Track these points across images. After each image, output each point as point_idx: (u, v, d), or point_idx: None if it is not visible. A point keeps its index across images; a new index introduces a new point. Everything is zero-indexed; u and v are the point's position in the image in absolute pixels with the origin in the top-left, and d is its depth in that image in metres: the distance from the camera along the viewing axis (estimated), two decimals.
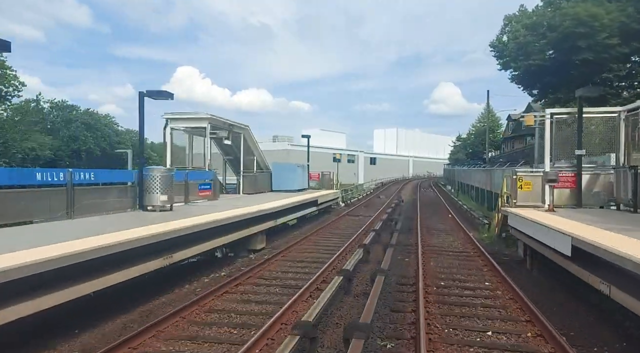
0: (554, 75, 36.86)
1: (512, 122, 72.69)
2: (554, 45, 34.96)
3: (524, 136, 65.45)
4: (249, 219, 11.25)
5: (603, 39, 30.09)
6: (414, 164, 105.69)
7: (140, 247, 6.70)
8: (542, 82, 38.82)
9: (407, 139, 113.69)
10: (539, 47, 36.10)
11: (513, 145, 69.86)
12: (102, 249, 5.89)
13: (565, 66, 36.32)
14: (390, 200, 30.35)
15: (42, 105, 51.75)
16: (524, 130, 67.52)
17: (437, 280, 8.91)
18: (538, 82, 39.65)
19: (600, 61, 29.94)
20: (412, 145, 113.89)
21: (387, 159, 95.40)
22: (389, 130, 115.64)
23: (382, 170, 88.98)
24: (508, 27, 40.91)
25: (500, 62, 41.43)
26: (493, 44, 41.91)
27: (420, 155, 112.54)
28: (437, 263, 10.57)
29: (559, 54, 35.50)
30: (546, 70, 36.53)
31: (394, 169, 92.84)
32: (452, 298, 7.70)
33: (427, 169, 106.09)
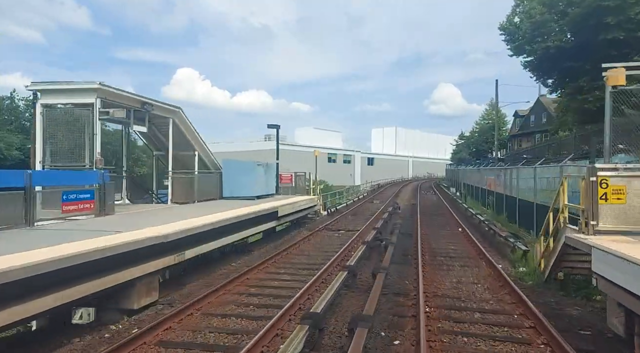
0: (575, 59, 31.70)
1: (519, 118, 67.79)
2: (576, 23, 29.88)
3: (533, 133, 60.45)
4: (119, 255, 6.21)
5: (637, 14, 25.01)
6: (413, 165, 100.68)
7: None
8: (561, 68, 33.61)
9: (406, 139, 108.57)
10: (558, 26, 31.12)
11: (520, 143, 64.77)
12: None
13: (589, 48, 31.13)
14: (385, 206, 25.22)
15: (17, 103, 46.78)
16: (532, 127, 62.62)
17: None
18: (555, 69, 34.45)
19: (632, 41, 24.84)
20: (412, 145, 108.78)
21: (385, 159, 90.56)
22: (387, 129, 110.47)
23: (380, 170, 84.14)
24: (520, 7, 35.75)
25: (511, 46, 36.22)
26: (503, 26, 36.72)
27: (420, 155, 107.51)
28: (456, 346, 5.47)
29: (581, 33, 30.38)
30: (566, 53, 31.44)
31: (392, 170, 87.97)
32: None
33: (427, 170, 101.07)
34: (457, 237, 14.61)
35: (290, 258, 11.08)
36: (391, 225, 16.65)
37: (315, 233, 15.17)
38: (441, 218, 19.85)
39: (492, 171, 23.50)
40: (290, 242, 13.21)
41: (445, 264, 10.30)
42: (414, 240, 13.54)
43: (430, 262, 10.55)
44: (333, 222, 18.30)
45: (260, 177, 15.27)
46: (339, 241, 13.61)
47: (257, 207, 11.78)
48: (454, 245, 12.89)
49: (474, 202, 26.95)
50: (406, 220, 19.05)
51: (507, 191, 18.84)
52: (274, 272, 9.60)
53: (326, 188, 52.06)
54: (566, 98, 34.40)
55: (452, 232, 15.64)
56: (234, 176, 14.59)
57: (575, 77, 31.96)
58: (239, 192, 14.65)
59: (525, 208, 15.46)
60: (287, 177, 18.46)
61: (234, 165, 14.63)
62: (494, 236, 14.15)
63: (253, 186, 14.68)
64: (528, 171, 16.30)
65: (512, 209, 17.38)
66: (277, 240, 13.85)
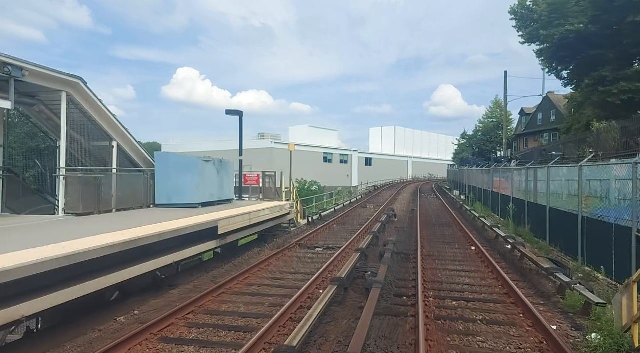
0: (598, 46, 27.90)
1: (525, 116, 63.98)
2: (600, 3, 26.16)
3: (540, 132, 56.60)
4: None
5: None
6: (413, 165, 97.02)
7: None
8: (580, 56, 29.88)
9: (405, 139, 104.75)
10: (581, 7, 27.35)
11: (527, 143, 60.92)
12: None
13: (615, 33, 27.40)
14: (379, 213, 21.44)
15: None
16: (540, 125, 58.75)
17: None
18: (574, 57, 30.42)
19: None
20: (411, 145, 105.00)
21: (384, 160, 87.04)
22: (386, 128, 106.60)
23: (379, 171, 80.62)
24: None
25: (523, 32, 32.34)
26: (514, 10, 32.90)
27: (420, 156, 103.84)
28: None
29: (606, 15, 26.76)
30: (587, 39, 27.49)
31: (391, 170, 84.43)
32: None
33: (427, 171, 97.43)
34: (470, 261, 10.80)
35: (220, 305, 7.26)
36: (383, 241, 12.86)
37: (282, 252, 11.37)
38: (447, 231, 16.05)
39: (506, 172, 19.69)
40: (238, 269, 9.40)
41: (462, 319, 6.50)
42: (411, 268, 9.75)
43: (438, 313, 6.75)
44: (311, 234, 14.50)
45: (209, 177, 11.49)
46: (307, 269, 9.80)
47: (176, 224, 7.95)
48: (470, 277, 9.08)
49: (483, 208, 23.16)
50: (403, 233, 15.25)
51: (529, 197, 15.05)
52: (178, 340, 5.80)
53: (318, 191, 48.31)
54: (585, 90, 30.63)
55: (463, 253, 11.83)
56: (170, 176, 10.82)
57: (596, 67, 28.22)
58: (178, 197, 10.87)
59: (561, 220, 11.67)
60: (253, 178, 14.69)
61: (171, 161, 10.84)
62: (522, 260, 10.35)
63: (197, 189, 10.90)
64: (567, 172, 12.52)
65: (539, 220, 13.59)
66: (220, 266, 10.06)
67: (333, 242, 13.47)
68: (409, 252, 11.73)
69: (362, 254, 9.79)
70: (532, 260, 9.15)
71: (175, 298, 7.46)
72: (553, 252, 11.69)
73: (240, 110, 13.91)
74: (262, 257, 10.70)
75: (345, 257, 10.95)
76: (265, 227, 12.09)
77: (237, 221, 9.67)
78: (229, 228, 9.26)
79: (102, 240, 6.34)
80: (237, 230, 9.91)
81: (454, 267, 9.98)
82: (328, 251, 12.03)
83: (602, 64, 27.59)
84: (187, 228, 7.73)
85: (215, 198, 11.93)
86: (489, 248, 12.33)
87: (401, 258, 10.87)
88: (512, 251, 11.46)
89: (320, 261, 10.64)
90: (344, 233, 15.42)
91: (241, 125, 14.07)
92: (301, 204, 17.89)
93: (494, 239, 13.85)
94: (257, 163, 42.79)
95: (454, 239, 14.15)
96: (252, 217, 10.46)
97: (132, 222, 8.20)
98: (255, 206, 11.97)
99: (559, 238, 11.66)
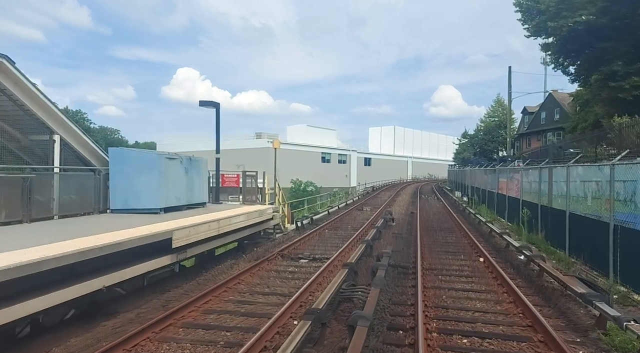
0: (609, 38, 26.35)
1: (527, 115, 62.28)
2: None
3: (544, 132, 54.86)
4: None
5: None
6: (413, 165, 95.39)
7: None
8: (590, 49, 28.28)
9: (405, 138, 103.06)
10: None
11: (529, 142, 59.23)
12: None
13: (627, 25, 25.75)
14: (376, 217, 19.80)
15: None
16: (543, 124, 57.05)
17: None
18: (583, 51, 28.88)
19: None
20: (411, 145, 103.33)
21: (383, 160, 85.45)
22: (385, 128, 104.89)
23: (378, 171, 79.06)
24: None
25: (529, 26, 30.67)
26: (519, 2, 31.24)
27: (420, 156, 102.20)
28: None
29: (618, 6, 25.16)
30: (597, 32, 25.95)
31: (390, 171, 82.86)
32: None
33: (427, 171, 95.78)
34: (480, 276, 9.15)
35: (160, 345, 5.61)
36: (377, 253, 11.21)
37: (260, 266, 9.72)
38: (450, 237, 14.41)
39: (514, 172, 18.03)
40: (202, 288, 7.74)
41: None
42: (410, 287, 8.12)
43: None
44: (298, 242, 12.85)
45: (174, 177, 9.86)
46: (285, 288, 8.15)
47: (108, 238, 6.29)
48: (482, 301, 7.43)
49: (487, 211, 21.52)
50: (401, 240, 13.61)
51: (543, 200, 13.41)
52: None
53: (314, 191, 46.67)
54: (594, 86, 29.01)
55: (470, 266, 10.18)
56: (127, 176, 9.19)
57: (606, 61, 26.61)
58: (136, 201, 9.24)
59: (584, 228, 10.04)
60: (233, 179, 13.03)
61: (128, 159, 9.21)
62: (541, 275, 8.71)
63: (158, 192, 9.26)
64: (583, 172, 10.91)
65: (555, 226, 11.96)
66: (182, 284, 8.41)
67: (321, 252, 11.83)
68: (407, 264, 10.10)
69: (351, 270, 8.14)
70: (558, 279, 7.50)
71: (107, 333, 5.82)
72: (575, 264, 10.06)
73: (216, 102, 12.25)
74: (234, 272, 9.05)
75: (332, 271, 9.32)
76: (240, 235, 10.44)
77: (201, 231, 8.04)
78: (190, 240, 7.63)
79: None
80: (201, 242, 8.27)
81: (461, 286, 8.33)
82: (314, 263, 10.39)
83: (613, 58, 25.95)
84: (123, 243, 6.11)
85: (183, 201, 10.30)
86: (500, 260, 10.70)
87: (398, 273, 9.25)
88: (528, 264, 9.82)
89: (303, 276, 9.00)
90: (335, 240, 13.78)
91: (218, 119, 12.42)
92: (289, 207, 16.24)
93: (504, 248, 12.21)
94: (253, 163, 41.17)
95: (458, 247, 12.52)
96: (221, 225, 8.82)
97: (62, 234, 6.58)
98: (228, 211, 10.33)
99: (582, 248, 10.02)
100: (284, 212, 15.07)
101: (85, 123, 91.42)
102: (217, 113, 12.36)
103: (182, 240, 7.36)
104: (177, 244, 7.19)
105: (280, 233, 14.60)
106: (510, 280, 8.35)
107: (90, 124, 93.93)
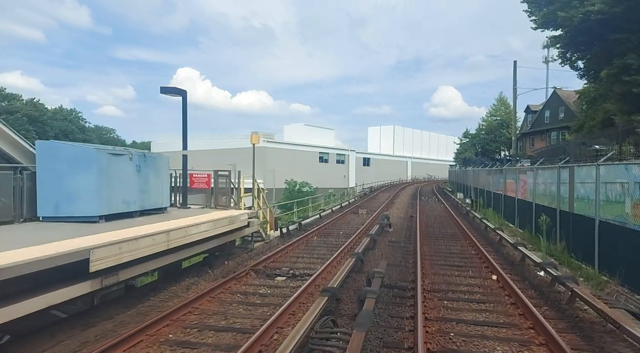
0: (623, 29, 24.68)
1: (531, 114, 60.42)
2: None
3: (548, 131, 53.03)
4: None
5: None
6: (412, 166, 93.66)
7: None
8: (602, 40, 26.60)
9: (404, 138, 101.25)
10: None
11: (533, 142, 57.41)
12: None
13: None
14: (372, 221, 18.02)
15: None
16: (547, 123, 55.19)
17: None
18: (594, 43, 27.24)
19: None
20: (411, 145, 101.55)
21: (382, 160, 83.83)
22: (385, 128, 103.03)
23: (377, 172, 77.44)
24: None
25: (537, 17, 28.90)
26: None
27: (420, 156, 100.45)
28: None
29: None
30: (610, 22, 24.24)
31: (390, 171, 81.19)
32: None
33: (427, 171, 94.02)
34: (496, 302, 7.33)
35: None
36: (371, 265, 9.43)
37: (225, 286, 7.92)
38: (454, 246, 12.62)
39: (523, 172, 16.21)
40: (137, 322, 5.96)
41: None
42: (407, 318, 6.33)
43: None
44: (279, 253, 11.06)
45: (121, 177, 8.06)
46: (246, 321, 6.34)
47: None
48: (502, 341, 5.61)
49: (493, 215, 19.74)
50: (398, 250, 11.82)
51: (562, 204, 11.61)
52: None
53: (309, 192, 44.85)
54: (606, 81, 27.21)
55: (482, 286, 8.37)
56: (60, 175, 7.41)
57: (620, 54, 24.85)
58: (70, 206, 7.45)
59: (621, 240, 8.26)
60: (203, 179, 11.22)
61: (61, 154, 7.38)
62: (572, 301, 6.92)
63: (97, 195, 7.46)
64: (605, 172, 9.13)
65: (579, 236, 10.19)
66: (115, 315, 6.63)
67: (304, 265, 10.04)
68: (404, 282, 8.32)
69: (332, 297, 6.35)
70: (603, 314, 5.68)
71: None
72: (609, 284, 8.28)
73: (182, 89, 10.45)
74: (190, 296, 7.26)
75: (313, 294, 7.55)
76: (202, 248, 8.64)
77: (142, 246, 6.26)
78: (122, 259, 5.85)
79: None
80: (144, 260, 6.48)
81: (472, 316, 6.54)
82: (292, 282, 8.60)
83: (626, 51, 24.21)
84: (8, 269, 4.31)
85: (134, 207, 8.51)
86: (516, 278, 8.92)
87: (393, 296, 7.46)
88: (553, 285, 8.03)
89: (275, 301, 7.22)
90: (322, 249, 11.99)
91: (185, 109, 10.61)
92: (272, 212, 14.42)
93: (518, 262, 10.42)
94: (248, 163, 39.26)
95: (465, 260, 10.72)
96: (172, 238, 7.04)
97: None
98: (187, 220, 8.52)
99: (618, 264, 8.24)
100: (266, 217, 13.28)
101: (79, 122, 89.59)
102: (184, 102, 10.53)
103: (108, 260, 5.59)
104: (99, 266, 5.42)
105: (262, 241, 12.81)
106: (535, 308, 6.57)
107: (85, 123, 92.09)
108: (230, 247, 10.83)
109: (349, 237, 13.81)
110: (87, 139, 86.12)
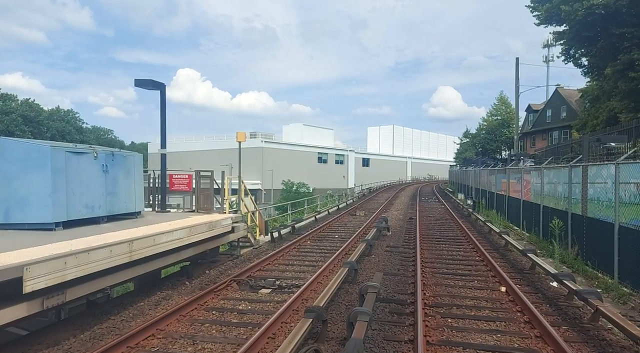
0: (630, 23, 23.75)
1: (532, 113, 59.48)
2: None
3: (549, 130, 52.08)
4: None
5: None
6: (412, 166, 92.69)
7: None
8: (606, 35, 25.71)
9: (404, 138, 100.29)
10: None
11: (534, 142, 56.47)
12: None
13: None
14: (369, 224, 17.11)
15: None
16: (549, 122, 54.24)
17: None
18: (599, 39, 26.38)
19: None
20: (411, 145, 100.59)
21: (381, 160, 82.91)
22: (384, 128, 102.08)
23: (376, 172, 76.54)
24: None
25: (540, 12, 27.99)
26: None
27: (420, 156, 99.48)
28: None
29: None
30: (616, 16, 23.28)
31: (389, 171, 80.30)
32: None
33: (427, 172, 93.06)
34: (506, 319, 6.41)
35: None
36: (365, 274, 8.51)
37: (200, 301, 7.01)
38: (456, 252, 11.70)
39: (528, 172, 15.27)
40: (90, 348, 5.06)
41: None
42: (406, 341, 5.43)
43: None
44: (267, 260, 10.14)
45: (83, 178, 7.15)
46: (220, 344, 5.43)
47: None
48: None
49: (497, 217, 18.82)
50: (397, 256, 10.90)
51: (575, 207, 10.69)
52: None
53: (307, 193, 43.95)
54: (612, 77, 26.31)
55: (489, 298, 7.46)
56: (10, 176, 6.51)
57: (626, 49, 23.96)
58: (22, 212, 6.55)
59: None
60: (184, 181, 10.30)
61: (9, 151, 6.42)
62: (596, 318, 6.02)
63: (52, 198, 6.55)
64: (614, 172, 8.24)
65: (595, 243, 9.29)
66: (68, 338, 5.74)
67: (293, 274, 9.14)
68: (403, 295, 7.42)
69: (317, 319, 5.44)
70: (636, 340, 4.77)
71: None
72: (632, 298, 7.37)
73: (160, 82, 9.54)
74: (157, 314, 6.35)
75: (299, 310, 6.63)
76: (176, 259, 7.71)
77: (91, 260, 5.33)
78: (66, 277, 4.95)
79: None
80: (99, 275, 5.58)
81: (481, 339, 5.62)
82: (278, 295, 7.68)
83: (632, 46, 23.36)
84: None
85: (100, 212, 7.60)
86: (528, 289, 8.01)
87: (389, 313, 6.55)
88: (570, 298, 7.12)
89: (255, 320, 6.31)
90: (315, 256, 11.08)
91: (163, 104, 9.72)
92: (261, 215, 13.51)
93: (528, 269, 9.51)
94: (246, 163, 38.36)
95: (469, 268, 9.81)
96: (136, 249, 6.12)
97: None
98: (158, 226, 7.60)
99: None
100: (255, 221, 12.35)
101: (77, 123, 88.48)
102: (162, 97, 9.61)
103: (49, 278, 4.69)
104: (36, 286, 4.53)
105: (250, 247, 11.90)
106: (553, 328, 5.66)
107: (82, 124, 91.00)
108: (213, 254, 9.91)
109: (345, 240, 12.92)
110: (84, 140, 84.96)
